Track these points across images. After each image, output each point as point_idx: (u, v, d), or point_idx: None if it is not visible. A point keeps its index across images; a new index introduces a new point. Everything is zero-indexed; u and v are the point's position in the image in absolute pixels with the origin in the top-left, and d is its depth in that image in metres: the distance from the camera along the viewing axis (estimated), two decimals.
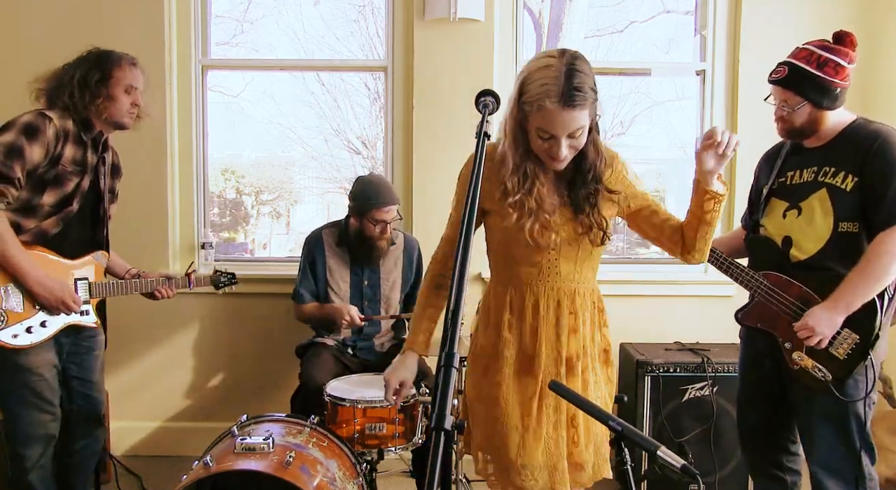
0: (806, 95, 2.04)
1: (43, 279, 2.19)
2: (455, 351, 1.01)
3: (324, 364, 2.74)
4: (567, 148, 1.59)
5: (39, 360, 2.23)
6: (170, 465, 3.26)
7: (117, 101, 2.31)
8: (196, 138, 3.41)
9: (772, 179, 2.24)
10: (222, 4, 3.67)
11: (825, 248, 2.05)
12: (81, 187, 2.30)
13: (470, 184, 1.23)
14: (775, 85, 2.11)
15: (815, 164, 2.10)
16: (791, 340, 2.10)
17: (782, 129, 2.14)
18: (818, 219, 2.06)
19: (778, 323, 2.14)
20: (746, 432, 2.36)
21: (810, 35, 2.07)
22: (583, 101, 1.53)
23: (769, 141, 2.33)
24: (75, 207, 2.28)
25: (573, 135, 1.57)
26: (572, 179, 1.71)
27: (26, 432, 2.25)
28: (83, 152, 2.29)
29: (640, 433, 1.36)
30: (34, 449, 2.27)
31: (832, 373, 2.03)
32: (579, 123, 1.55)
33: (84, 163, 2.30)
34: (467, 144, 1.91)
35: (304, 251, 2.98)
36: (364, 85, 3.86)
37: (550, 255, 1.72)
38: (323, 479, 1.96)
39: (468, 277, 1.10)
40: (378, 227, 2.82)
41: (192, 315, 3.42)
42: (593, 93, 1.56)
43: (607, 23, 3.84)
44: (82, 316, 2.34)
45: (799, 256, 2.11)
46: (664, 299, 3.42)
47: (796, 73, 2.05)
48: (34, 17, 3.26)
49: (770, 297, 2.14)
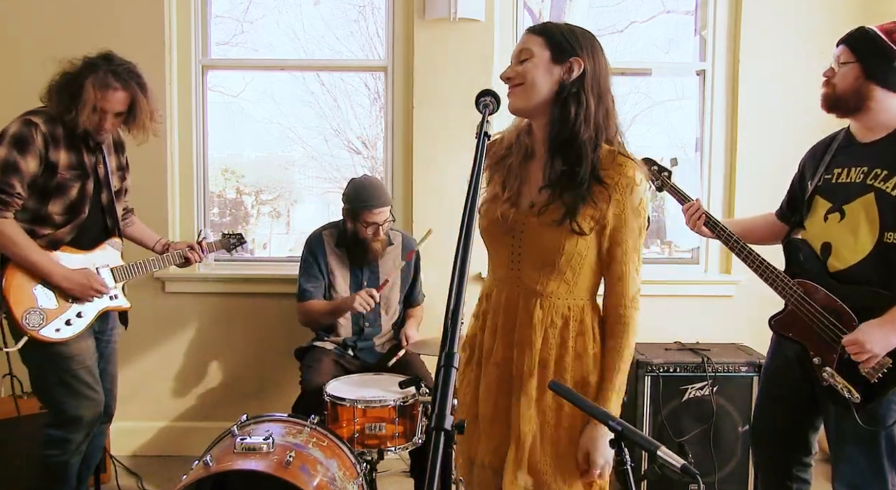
0: (859, 54, 1.85)
1: (68, 274, 2.27)
2: (455, 351, 1.01)
3: (324, 370, 2.74)
4: (511, 71, 1.58)
5: (82, 347, 2.33)
6: (170, 465, 3.26)
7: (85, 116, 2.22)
8: (196, 138, 3.41)
9: (818, 176, 2.03)
10: (222, 4, 3.66)
11: (866, 260, 1.88)
12: (87, 191, 2.33)
13: (470, 184, 1.22)
14: (840, 44, 1.92)
15: (865, 163, 1.90)
16: (821, 356, 1.96)
17: (824, 95, 1.94)
18: (862, 226, 1.88)
19: (809, 335, 2.00)
20: (762, 438, 2.25)
21: (810, 35, 2.05)
22: (540, 28, 1.57)
23: (769, 141, 2.32)
24: (86, 213, 2.32)
25: (521, 57, 1.57)
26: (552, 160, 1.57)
27: (74, 417, 2.32)
28: (78, 155, 2.29)
29: (640, 433, 1.35)
30: (79, 434, 2.35)
31: (861, 395, 1.88)
32: (525, 45, 1.56)
33: (82, 165, 2.30)
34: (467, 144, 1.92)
35: (306, 251, 2.98)
36: (364, 85, 3.87)
37: (513, 252, 1.61)
38: (323, 478, 1.96)
39: (468, 277, 1.10)
40: (370, 228, 2.82)
41: (192, 315, 3.42)
42: (560, 35, 1.55)
43: (607, 23, 3.83)
44: (112, 300, 2.43)
45: (837, 266, 1.94)
46: (664, 299, 3.41)
47: (863, 33, 1.87)
48: (34, 17, 3.26)
49: (802, 307, 1.99)
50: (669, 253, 3.82)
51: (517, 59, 1.58)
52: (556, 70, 1.55)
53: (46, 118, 2.23)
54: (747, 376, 2.86)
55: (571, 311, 1.60)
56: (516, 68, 1.57)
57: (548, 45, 1.55)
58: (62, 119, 2.23)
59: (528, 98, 1.56)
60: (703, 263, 3.53)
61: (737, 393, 2.87)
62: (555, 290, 1.59)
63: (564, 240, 1.54)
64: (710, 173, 3.48)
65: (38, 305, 2.24)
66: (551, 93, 1.55)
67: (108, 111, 2.26)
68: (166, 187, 3.33)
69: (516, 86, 1.58)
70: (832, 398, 1.96)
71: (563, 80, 1.54)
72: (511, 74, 1.58)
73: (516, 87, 1.58)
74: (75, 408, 2.31)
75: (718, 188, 3.48)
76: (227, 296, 3.42)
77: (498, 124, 2.54)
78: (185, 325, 3.43)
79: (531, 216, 1.58)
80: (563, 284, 1.59)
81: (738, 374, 2.87)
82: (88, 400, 2.34)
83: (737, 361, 2.88)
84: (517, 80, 1.57)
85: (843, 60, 1.88)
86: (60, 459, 2.34)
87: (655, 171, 2.26)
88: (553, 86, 1.55)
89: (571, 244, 1.54)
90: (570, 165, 1.53)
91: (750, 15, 3.34)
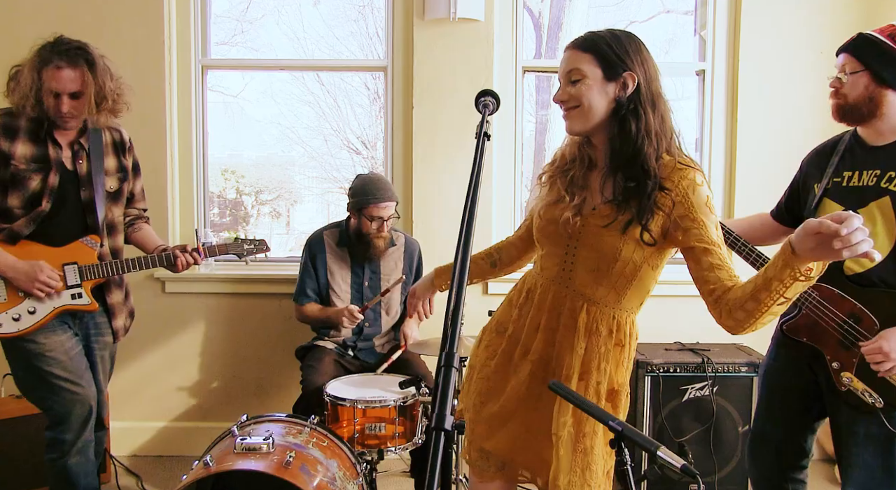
0: (866, 62, 1.82)
1: (13, 263, 2.21)
2: (455, 351, 1.01)
3: (324, 370, 2.74)
4: (564, 93, 1.55)
5: (53, 342, 2.27)
6: (170, 465, 3.26)
7: (45, 103, 2.19)
8: (196, 138, 3.41)
9: (826, 178, 1.99)
10: (222, 4, 3.67)
11: (884, 262, 1.85)
12: (49, 184, 2.25)
13: (470, 184, 1.22)
14: (841, 52, 1.90)
15: (878, 167, 1.87)
16: (840, 360, 1.92)
17: (834, 106, 1.91)
18: (878, 229, 1.84)
19: (825, 339, 1.94)
20: (759, 442, 2.20)
21: (810, 35, 2.04)
22: (582, 43, 1.54)
23: (769, 141, 2.32)
24: (46, 207, 2.25)
25: (570, 78, 1.54)
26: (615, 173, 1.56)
27: (60, 415, 2.29)
28: (42, 148, 2.24)
29: (640, 433, 1.35)
30: (70, 433, 2.30)
31: (884, 399, 1.84)
32: (573, 65, 1.54)
33: (44, 158, 2.24)
34: (467, 144, 1.92)
35: (305, 252, 2.98)
36: (364, 85, 3.87)
37: (568, 255, 1.61)
38: (323, 479, 1.96)
39: (468, 277, 1.10)
40: (374, 223, 2.82)
41: (192, 315, 3.42)
42: (609, 50, 1.51)
43: (607, 23, 3.83)
44: (74, 299, 2.31)
45: (855, 268, 1.90)
46: (664, 299, 3.40)
47: (864, 39, 1.84)
48: (34, 17, 3.26)
49: (819, 312, 1.93)
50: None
51: (567, 79, 1.55)
52: (610, 88, 1.53)
53: (4, 112, 2.21)
54: (747, 376, 2.86)
55: (616, 320, 1.60)
56: (569, 91, 1.55)
57: (598, 63, 1.52)
58: (26, 112, 2.18)
59: (585, 120, 1.55)
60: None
61: (737, 393, 2.87)
62: (603, 296, 1.59)
63: (623, 245, 1.53)
64: (710, 173, 3.48)
65: None
66: (608, 111, 1.54)
67: (62, 91, 2.18)
68: (166, 187, 3.33)
69: (572, 109, 1.56)
70: (850, 403, 1.91)
71: (618, 97, 1.53)
72: (565, 97, 1.56)
73: (572, 109, 1.56)
74: (59, 404, 2.27)
75: (718, 188, 3.48)
76: (227, 296, 3.42)
77: (497, 124, 2.55)
78: (185, 325, 3.43)
79: (594, 223, 1.56)
80: (613, 292, 1.58)
81: (738, 375, 2.87)
82: (71, 394, 2.28)
83: (737, 361, 2.88)
84: (572, 103, 1.55)
85: (850, 70, 1.85)
86: (59, 462, 2.30)
87: None
88: (609, 104, 1.54)
89: (629, 251, 1.53)
90: (636, 180, 1.51)
91: (750, 15, 3.34)
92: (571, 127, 1.58)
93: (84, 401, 2.32)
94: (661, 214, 1.51)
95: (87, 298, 2.34)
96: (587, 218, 1.58)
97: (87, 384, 2.34)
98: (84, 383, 2.32)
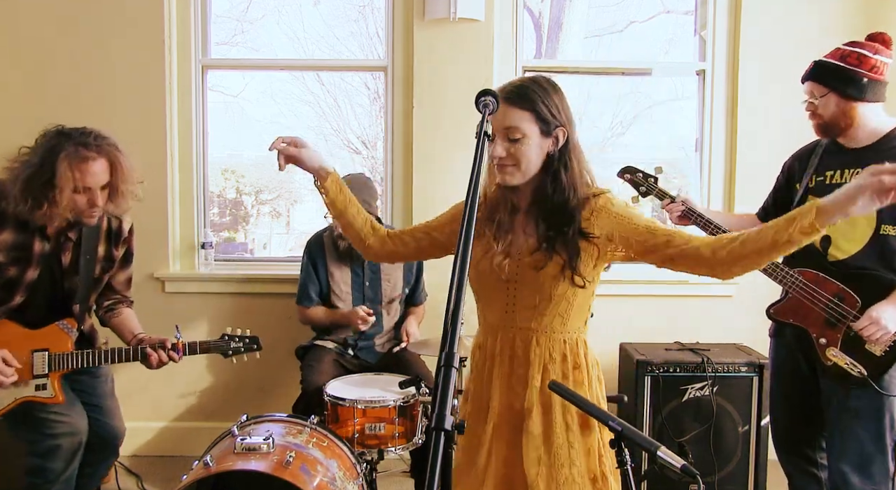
0: (829, 84, 2.05)
1: None
2: (455, 351, 1.01)
3: (324, 370, 2.74)
4: (504, 150, 1.57)
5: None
6: (170, 465, 3.26)
7: (66, 202, 2.04)
8: (196, 138, 3.41)
9: (808, 177, 2.21)
10: (222, 4, 3.67)
11: (865, 249, 2.06)
12: (27, 279, 2.14)
13: (470, 184, 1.22)
14: (804, 81, 2.14)
15: (860, 166, 2.02)
16: (826, 337, 2.10)
17: (815, 125, 2.14)
18: (860, 220, 2.05)
19: (812, 319, 2.14)
20: (780, 431, 2.37)
21: (811, 35, 2.09)
22: (520, 100, 1.56)
23: (769, 141, 2.33)
24: (18, 300, 2.15)
25: (509, 135, 1.56)
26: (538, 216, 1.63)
27: (49, 446, 2.20)
28: (26, 239, 2.11)
29: (640, 433, 1.36)
30: (58, 462, 2.21)
31: (868, 370, 2.03)
32: (514, 122, 1.55)
33: (25, 250, 2.11)
34: (467, 144, 1.92)
35: (306, 255, 2.98)
36: (364, 85, 3.87)
37: (508, 297, 1.63)
38: (323, 479, 1.95)
39: (468, 277, 1.10)
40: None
41: (192, 315, 3.41)
42: (545, 107, 1.56)
43: (607, 23, 3.84)
44: (38, 390, 2.18)
45: (837, 255, 2.10)
46: (664, 299, 3.42)
47: (820, 66, 2.09)
48: (34, 17, 3.26)
49: (805, 294, 2.12)
50: None
51: (505, 136, 1.57)
52: (545, 143, 1.59)
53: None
54: (747, 376, 2.86)
55: (567, 344, 1.63)
56: (509, 149, 1.57)
57: (536, 121, 1.56)
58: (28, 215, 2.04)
59: (522, 176, 1.60)
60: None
61: (737, 393, 2.87)
62: (549, 323, 1.62)
63: (558, 283, 1.58)
64: (710, 173, 3.48)
65: None
66: (540, 164, 1.60)
67: (93, 187, 2.06)
68: (166, 187, 3.33)
69: (509, 166, 1.59)
70: (837, 376, 2.09)
71: (550, 152, 1.60)
72: (503, 155, 1.58)
73: (509, 166, 1.59)
74: (50, 438, 2.18)
75: (718, 188, 3.48)
76: (227, 296, 3.42)
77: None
78: (185, 325, 3.43)
79: (527, 267, 1.61)
80: (558, 317, 1.62)
81: (738, 375, 2.87)
82: (65, 426, 2.19)
83: (737, 361, 2.88)
84: (511, 162, 1.58)
85: (819, 94, 2.08)
86: (42, 488, 2.23)
87: (640, 177, 2.38)
88: (543, 157, 1.60)
89: (565, 286, 1.59)
90: (559, 227, 1.58)
91: (750, 15, 3.34)
92: (509, 181, 1.61)
93: (76, 433, 2.24)
94: (588, 254, 1.59)
95: (50, 391, 2.20)
96: (517, 259, 1.62)
97: (78, 415, 2.25)
98: (74, 414, 2.24)
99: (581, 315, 1.66)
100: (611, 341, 3.16)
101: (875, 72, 2.03)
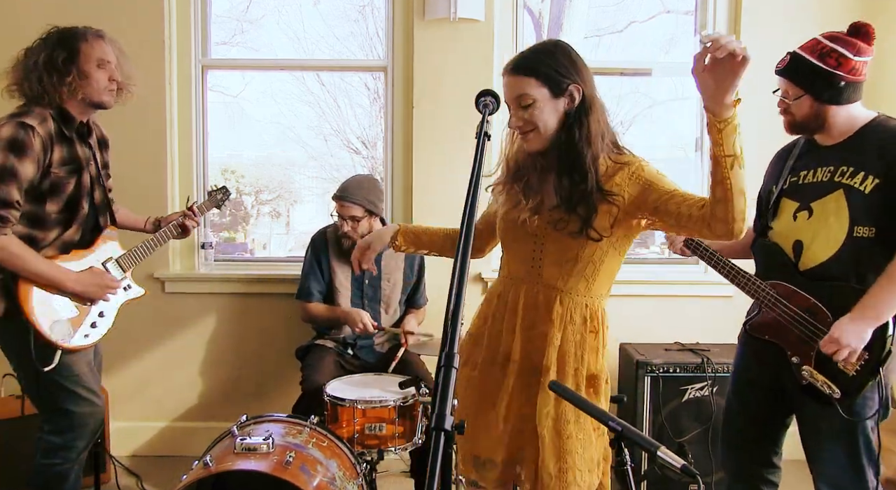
0: (805, 86, 1.94)
1: (78, 278, 2.19)
2: (455, 351, 1.01)
3: (324, 370, 2.74)
4: (519, 119, 1.63)
5: (85, 356, 2.25)
6: (170, 465, 3.26)
7: (90, 78, 2.17)
8: (196, 138, 3.41)
9: (783, 179, 2.10)
10: (222, 4, 3.67)
11: (838, 255, 1.91)
12: (83, 185, 2.21)
13: (470, 183, 1.22)
14: (778, 75, 2.01)
15: (831, 164, 1.97)
16: (798, 355, 1.98)
17: (786, 122, 2.04)
18: (832, 221, 1.92)
19: (786, 336, 2.01)
20: (732, 439, 2.23)
21: (810, 35, 2.04)
22: (523, 68, 1.60)
23: (769, 141, 2.31)
24: (86, 208, 2.23)
25: (520, 103, 1.61)
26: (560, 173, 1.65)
27: (79, 424, 2.23)
28: (71, 148, 2.18)
29: (640, 433, 1.36)
30: (83, 440, 2.26)
31: (841, 390, 1.89)
32: (521, 91, 1.60)
33: (75, 159, 2.19)
34: (467, 144, 1.91)
35: (310, 250, 2.99)
36: (364, 85, 3.87)
37: (535, 252, 1.69)
38: (323, 479, 1.95)
39: (468, 277, 1.10)
40: (345, 222, 2.86)
41: (192, 315, 3.42)
42: (549, 68, 1.59)
43: (607, 23, 3.84)
44: (127, 291, 2.39)
45: (809, 264, 1.97)
46: (664, 299, 3.42)
47: (797, 62, 1.95)
48: (33, 17, 3.25)
49: (778, 309, 2.01)
50: (669, 253, 3.81)
51: (517, 104, 1.62)
52: (559, 103, 1.62)
53: (40, 119, 2.09)
54: None
55: (588, 308, 1.69)
56: (522, 116, 1.62)
57: (543, 83, 1.59)
58: (55, 98, 2.12)
59: (544, 139, 1.64)
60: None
61: None
62: (574, 286, 1.67)
63: (581, 243, 1.63)
64: None
65: (60, 316, 2.15)
66: (560, 124, 1.63)
67: (112, 61, 2.21)
68: (166, 187, 3.33)
69: (529, 132, 1.63)
70: (812, 396, 1.97)
71: (567, 110, 1.62)
72: (521, 123, 1.63)
73: (529, 132, 1.64)
74: (80, 414, 2.22)
75: None
76: (227, 296, 3.42)
77: (498, 123, 2.55)
78: (185, 325, 3.43)
79: (551, 228, 1.65)
80: (583, 281, 1.68)
81: None
82: (91, 406, 2.24)
83: None
84: (528, 127, 1.63)
85: (793, 95, 1.97)
86: (62, 468, 2.24)
87: None
88: (560, 117, 1.63)
89: (590, 250, 1.64)
90: (577, 183, 1.61)
91: (750, 14, 3.34)
92: (533, 147, 1.66)
93: (101, 412, 2.31)
94: (606, 212, 1.61)
95: (137, 288, 2.44)
96: (545, 217, 1.67)
97: (101, 398, 2.31)
98: (100, 398, 2.30)
99: (607, 281, 1.71)
100: (611, 341, 3.11)
101: (854, 74, 1.90)
